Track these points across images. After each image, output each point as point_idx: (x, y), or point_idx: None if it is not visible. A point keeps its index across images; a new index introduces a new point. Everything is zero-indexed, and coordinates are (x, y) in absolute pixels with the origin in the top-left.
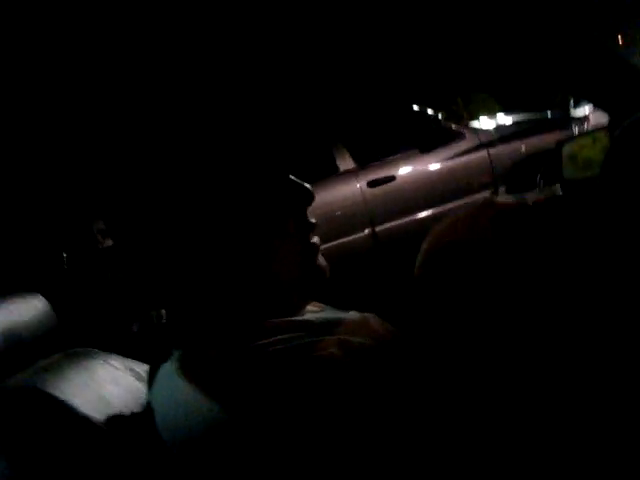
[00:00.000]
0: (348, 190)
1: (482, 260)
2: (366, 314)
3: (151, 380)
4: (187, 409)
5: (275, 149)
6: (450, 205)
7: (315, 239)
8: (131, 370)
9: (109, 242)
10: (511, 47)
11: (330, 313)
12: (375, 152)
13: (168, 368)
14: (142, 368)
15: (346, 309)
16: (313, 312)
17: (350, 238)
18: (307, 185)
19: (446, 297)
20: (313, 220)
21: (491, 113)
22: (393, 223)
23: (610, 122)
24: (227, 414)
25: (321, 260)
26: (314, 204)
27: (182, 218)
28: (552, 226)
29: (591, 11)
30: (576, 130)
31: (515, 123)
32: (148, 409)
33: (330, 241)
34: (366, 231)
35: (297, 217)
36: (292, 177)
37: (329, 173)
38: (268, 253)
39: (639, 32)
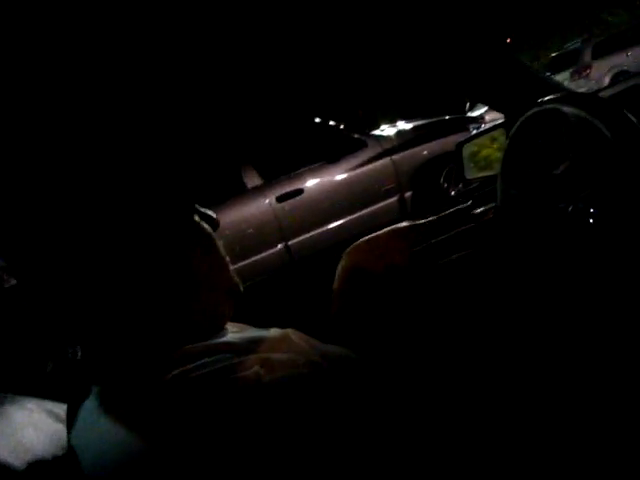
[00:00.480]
0: (257, 207)
1: (396, 287)
2: (287, 330)
3: (70, 420)
4: (111, 446)
5: (180, 177)
6: (359, 213)
7: (226, 260)
8: (49, 412)
9: (12, 281)
10: (405, 55)
11: (250, 332)
12: (281, 167)
13: (88, 406)
14: (61, 408)
15: (266, 327)
16: (233, 333)
17: (264, 254)
18: (210, 212)
19: (360, 322)
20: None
21: (391, 121)
22: (305, 236)
23: (505, 120)
24: (146, 444)
25: (233, 275)
26: (226, 224)
27: (86, 252)
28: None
29: (481, 15)
30: (473, 131)
31: (415, 128)
32: (70, 451)
33: (244, 259)
34: (279, 246)
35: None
36: (197, 206)
37: (237, 191)
38: (178, 280)
39: (527, 36)
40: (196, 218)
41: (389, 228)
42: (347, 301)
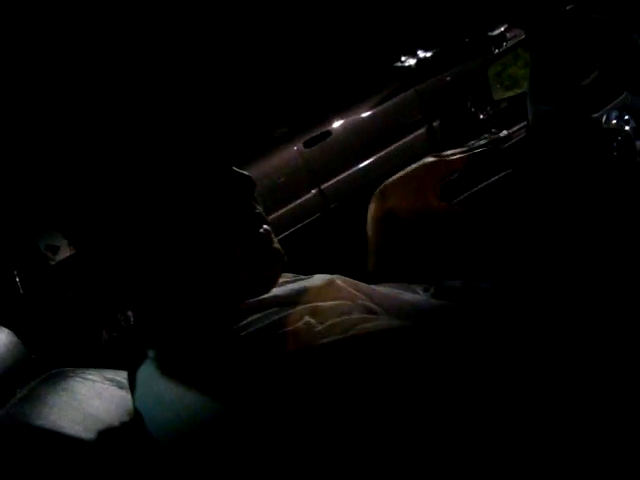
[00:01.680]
0: (286, 154)
1: (427, 228)
2: (332, 276)
3: (132, 385)
4: (175, 407)
5: (214, 142)
6: (389, 149)
7: (265, 227)
8: (111, 380)
9: (60, 257)
10: None
11: (296, 283)
12: (306, 111)
13: (146, 370)
14: (122, 375)
15: (311, 274)
16: (280, 285)
17: (298, 201)
18: (246, 173)
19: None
20: (259, 209)
21: (411, 51)
22: (338, 178)
23: (527, 36)
24: (223, 406)
25: (276, 245)
26: (258, 176)
27: (136, 220)
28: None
29: None
30: (495, 51)
31: (436, 55)
32: (137, 415)
33: (280, 208)
34: (313, 192)
35: (243, 208)
36: (234, 168)
37: (264, 142)
38: (221, 245)
39: None
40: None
41: (415, 165)
42: (385, 255)
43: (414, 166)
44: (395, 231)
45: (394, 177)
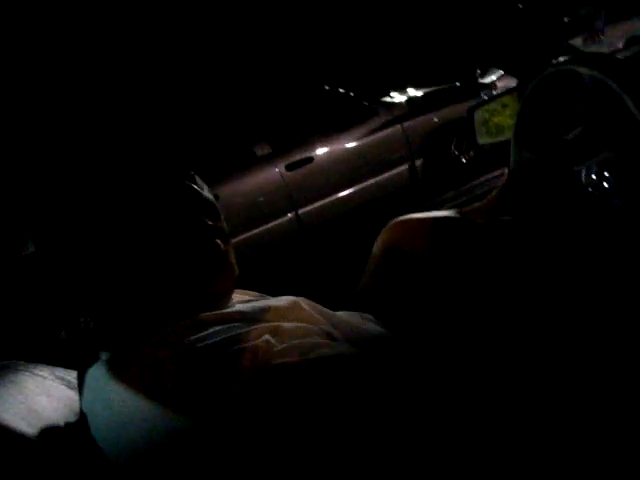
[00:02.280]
0: (267, 175)
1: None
2: (298, 298)
3: (81, 386)
4: (123, 412)
5: (169, 155)
6: (370, 181)
7: (217, 241)
8: (61, 379)
9: (30, 249)
10: (418, 19)
11: (261, 301)
12: (291, 136)
13: (97, 372)
14: (72, 375)
15: (277, 295)
16: (244, 302)
17: (274, 223)
18: (195, 188)
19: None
20: (214, 223)
21: (401, 88)
22: (315, 204)
23: (518, 85)
24: (158, 410)
25: (230, 259)
26: (237, 192)
27: (101, 227)
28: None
29: None
30: (485, 97)
31: (426, 95)
32: (82, 417)
33: (255, 227)
34: (289, 215)
35: (192, 221)
36: (187, 182)
37: (247, 161)
38: (172, 255)
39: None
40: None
41: (437, 215)
42: (380, 278)
43: (434, 215)
44: (397, 262)
45: (411, 216)
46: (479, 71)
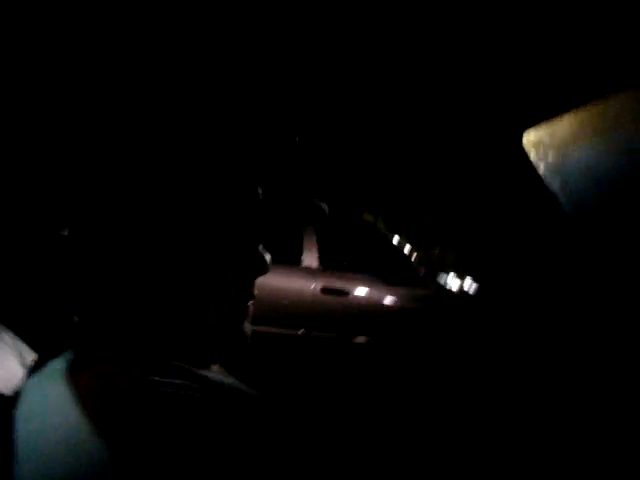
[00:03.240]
0: (302, 285)
1: None
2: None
3: (33, 371)
4: (58, 416)
5: (253, 215)
6: (385, 342)
7: (250, 305)
8: (19, 352)
9: (64, 231)
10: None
11: (232, 381)
12: (341, 261)
13: (55, 365)
14: (30, 356)
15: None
16: (218, 376)
17: (284, 331)
18: (267, 258)
19: None
20: (255, 291)
21: (459, 273)
22: (329, 335)
23: None
24: (88, 434)
25: (247, 326)
26: (268, 282)
27: (132, 232)
28: None
29: None
30: None
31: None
32: (17, 397)
33: (264, 325)
34: (300, 331)
35: (244, 280)
36: (259, 248)
37: (293, 261)
38: (200, 300)
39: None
40: (260, 251)
41: None
42: None
43: None
44: None
45: None
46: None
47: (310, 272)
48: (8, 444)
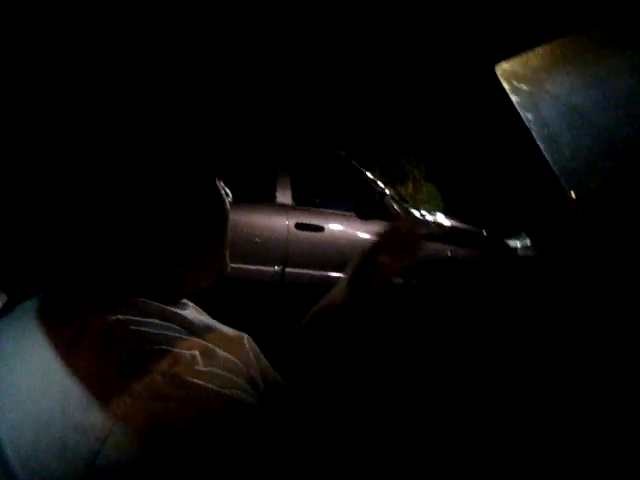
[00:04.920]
0: (276, 223)
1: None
2: (243, 334)
3: (3, 312)
4: (30, 357)
5: (207, 152)
6: None
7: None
8: None
9: None
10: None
11: (209, 321)
12: (315, 198)
13: (27, 305)
14: (1, 299)
15: (226, 324)
16: (193, 312)
17: (258, 267)
18: (228, 191)
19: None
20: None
21: (434, 209)
22: (303, 271)
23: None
24: (64, 376)
25: (226, 258)
26: (241, 222)
27: (111, 195)
28: None
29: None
30: (495, 251)
31: (451, 227)
32: None
33: (239, 262)
34: (275, 268)
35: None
36: (218, 183)
37: (266, 199)
38: (176, 246)
39: None
40: (221, 190)
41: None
42: (315, 321)
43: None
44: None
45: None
46: (509, 230)
47: (284, 208)
48: None
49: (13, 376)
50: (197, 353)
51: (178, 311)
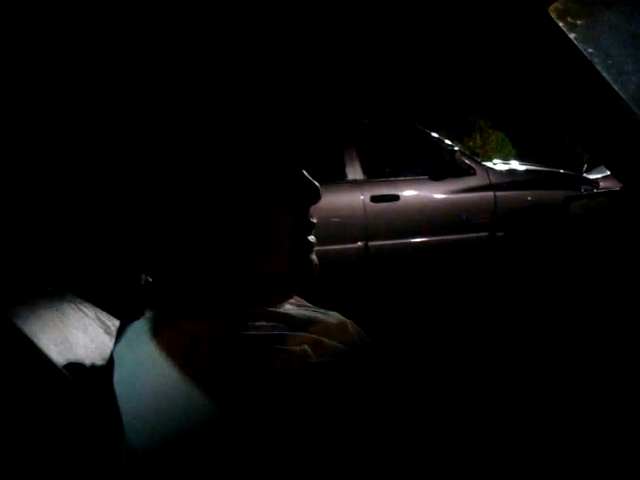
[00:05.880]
0: (351, 200)
1: None
2: (347, 320)
3: (119, 336)
4: (152, 375)
5: (290, 142)
6: (446, 237)
7: (312, 238)
8: (101, 321)
9: None
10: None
11: (311, 311)
12: (385, 168)
13: (138, 326)
14: (112, 322)
15: (327, 309)
16: (294, 307)
17: (343, 247)
18: (316, 183)
19: None
20: (314, 220)
21: (506, 157)
22: (387, 242)
23: (620, 190)
24: (184, 385)
25: (313, 258)
26: (319, 203)
27: (185, 193)
28: None
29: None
30: (584, 192)
31: (527, 172)
32: (110, 364)
33: (323, 245)
34: (359, 243)
35: (299, 213)
36: (304, 173)
37: (337, 178)
38: (261, 241)
39: None
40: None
41: None
42: None
43: None
44: None
45: None
46: (586, 165)
47: (356, 184)
48: (113, 410)
49: (137, 395)
50: (307, 347)
51: (279, 310)
